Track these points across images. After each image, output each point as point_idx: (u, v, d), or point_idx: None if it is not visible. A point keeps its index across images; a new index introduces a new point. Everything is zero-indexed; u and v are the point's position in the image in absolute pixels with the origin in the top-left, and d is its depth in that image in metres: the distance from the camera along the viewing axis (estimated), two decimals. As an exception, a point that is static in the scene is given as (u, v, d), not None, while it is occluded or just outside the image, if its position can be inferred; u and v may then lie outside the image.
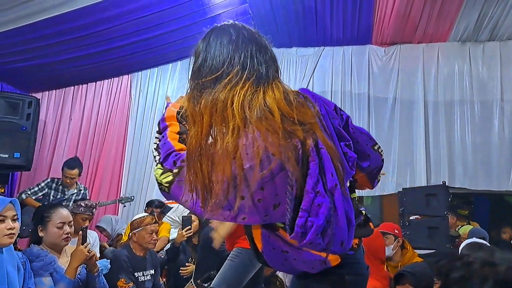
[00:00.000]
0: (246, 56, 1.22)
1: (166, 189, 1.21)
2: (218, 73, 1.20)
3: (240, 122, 1.11)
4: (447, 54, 5.59)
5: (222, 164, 1.09)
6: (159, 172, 1.23)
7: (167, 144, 1.28)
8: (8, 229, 2.00)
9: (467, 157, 5.29)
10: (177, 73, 6.15)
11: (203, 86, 1.20)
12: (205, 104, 1.16)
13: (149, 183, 5.86)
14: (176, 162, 1.21)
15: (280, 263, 1.31)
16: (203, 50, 1.27)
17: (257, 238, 1.30)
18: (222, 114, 1.13)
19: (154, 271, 3.40)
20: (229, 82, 1.17)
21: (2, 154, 4.98)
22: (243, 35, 1.27)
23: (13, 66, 5.24)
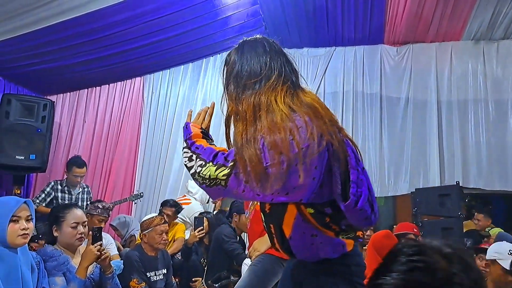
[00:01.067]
0: (280, 64, 1.45)
1: (223, 182, 1.30)
2: (259, 77, 1.41)
3: (287, 111, 1.31)
4: (461, 53, 5.53)
5: (279, 147, 1.24)
6: (212, 170, 1.32)
7: (208, 149, 1.40)
8: (22, 230, 2.02)
9: (481, 157, 5.23)
10: (188, 74, 6.18)
11: (244, 89, 1.41)
12: (248, 103, 1.37)
13: (162, 184, 5.90)
14: (227, 157, 1.33)
15: (305, 248, 1.40)
16: (238, 58, 1.48)
17: (288, 224, 1.38)
18: (267, 108, 1.33)
19: (166, 270, 3.42)
20: (271, 85, 1.38)
21: (18, 156, 5.06)
22: (274, 47, 1.50)
23: (28, 69, 5.31)
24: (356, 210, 1.29)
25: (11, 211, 2.01)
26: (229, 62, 1.52)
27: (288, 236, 1.40)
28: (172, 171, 5.91)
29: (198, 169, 1.36)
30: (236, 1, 4.88)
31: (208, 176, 1.32)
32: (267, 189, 1.25)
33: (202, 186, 1.36)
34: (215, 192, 1.34)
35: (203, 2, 4.69)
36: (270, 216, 1.46)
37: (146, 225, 3.36)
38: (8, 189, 5.37)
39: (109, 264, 2.48)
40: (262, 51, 1.46)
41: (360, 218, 1.34)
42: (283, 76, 1.42)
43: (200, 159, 1.37)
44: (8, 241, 1.98)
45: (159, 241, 3.32)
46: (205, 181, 1.33)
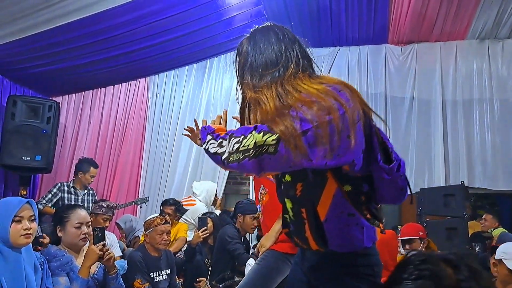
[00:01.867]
0: (296, 53, 1.40)
1: (272, 148, 1.18)
2: (276, 67, 1.36)
3: (318, 85, 1.27)
4: (465, 52, 5.51)
5: (323, 108, 1.18)
6: (258, 136, 1.20)
7: (240, 128, 1.29)
8: (24, 230, 2.03)
9: (486, 157, 5.20)
10: (193, 75, 6.20)
11: (261, 78, 1.36)
12: (269, 91, 1.31)
13: (166, 185, 5.93)
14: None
15: (340, 232, 1.34)
16: (251, 48, 1.44)
17: (325, 204, 1.33)
18: (294, 91, 1.27)
19: (170, 270, 3.43)
20: (291, 73, 1.33)
21: (24, 157, 5.09)
22: (287, 34, 1.45)
23: (33, 71, 5.35)
24: (398, 176, 1.32)
25: (13, 211, 2.03)
26: (241, 52, 1.49)
27: (324, 219, 1.34)
28: (177, 172, 5.93)
29: (236, 146, 1.23)
30: (239, 2, 4.89)
31: (253, 144, 1.19)
32: (317, 153, 1.17)
33: (243, 162, 1.21)
34: (258, 164, 1.20)
35: (206, 3, 4.70)
36: (301, 200, 1.38)
37: (148, 225, 3.37)
38: (14, 190, 5.40)
39: (113, 264, 2.49)
40: (275, 40, 1.43)
41: (398, 188, 1.35)
42: (301, 65, 1.38)
43: (235, 137, 1.26)
44: (11, 241, 1.99)
45: (160, 241, 3.31)
46: (248, 152, 1.20)
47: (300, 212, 1.39)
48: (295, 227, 1.44)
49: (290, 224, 1.47)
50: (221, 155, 1.28)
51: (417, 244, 3.56)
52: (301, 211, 1.39)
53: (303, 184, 1.36)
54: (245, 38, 1.50)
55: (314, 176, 1.33)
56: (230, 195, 6.26)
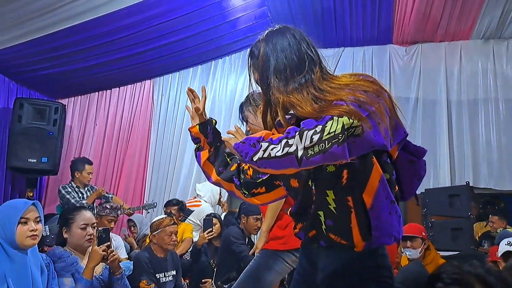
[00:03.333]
0: (314, 53, 1.44)
1: (359, 130, 1.20)
2: (303, 71, 1.38)
3: (358, 78, 1.35)
4: (470, 52, 5.49)
5: (369, 94, 1.28)
6: (345, 119, 1.20)
7: (306, 121, 1.29)
8: (30, 231, 2.05)
9: (492, 157, 5.18)
10: (198, 77, 6.22)
11: (287, 82, 1.38)
12: (302, 96, 1.34)
13: (172, 186, 5.94)
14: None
15: (383, 221, 1.35)
16: (271, 50, 1.44)
17: (371, 190, 1.33)
18: (331, 90, 1.34)
19: (175, 271, 3.45)
20: (319, 76, 1.38)
21: (30, 159, 5.14)
22: (303, 36, 1.47)
23: (39, 73, 5.39)
24: (423, 161, 1.47)
25: (19, 213, 2.05)
26: (259, 55, 1.48)
27: (369, 206, 1.32)
28: (182, 173, 5.95)
29: (315, 137, 1.19)
30: (244, 3, 4.91)
31: (340, 128, 1.18)
32: (382, 133, 1.24)
33: (331, 150, 1.18)
34: (348, 148, 1.19)
35: (211, 4, 4.72)
36: (348, 188, 1.35)
37: (156, 226, 3.39)
38: (21, 192, 5.44)
39: (117, 265, 2.50)
40: (294, 43, 1.43)
41: (420, 177, 1.47)
42: (319, 62, 1.43)
43: (308, 130, 1.22)
44: (17, 242, 2.02)
45: (169, 241, 3.34)
46: (337, 138, 1.18)
47: (346, 201, 1.36)
48: (335, 221, 1.39)
49: (327, 220, 1.40)
50: (295, 153, 1.23)
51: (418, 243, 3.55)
52: (347, 199, 1.35)
53: (349, 171, 1.34)
54: (261, 41, 1.49)
55: (360, 162, 1.32)
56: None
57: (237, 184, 1.65)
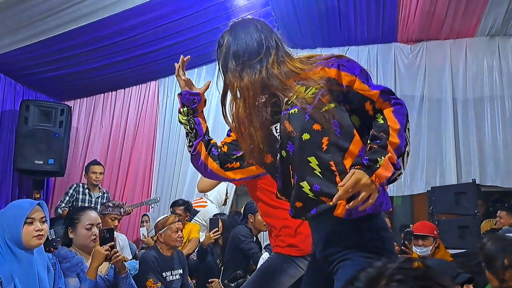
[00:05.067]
0: (275, 39, 1.56)
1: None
2: (259, 57, 1.50)
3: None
4: (475, 50, 5.46)
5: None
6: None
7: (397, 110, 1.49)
8: (36, 231, 2.06)
9: (498, 154, 5.14)
10: (202, 77, 6.22)
11: (243, 67, 1.51)
12: (252, 80, 1.49)
13: (178, 187, 5.95)
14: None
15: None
16: (233, 39, 1.56)
17: (352, 158, 1.43)
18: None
19: (182, 270, 3.45)
20: (275, 59, 1.50)
21: (37, 160, 5.16)
22: (265, 25, 1.61)
23: (45, 75, 5.42)
24: None
25: (25, 213, 2.06)
26: (222, 44, 1.60)
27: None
28: (188, 173, 5.95)
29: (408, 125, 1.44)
30: (248, 3, 4.91)
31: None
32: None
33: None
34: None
35: (215, 5, 4.73)
36: (329, 154, 1.45)
37: (161, 225, 3.40)
38: (28, 193, 5.47)
39: (122, 264, 2.51)
40: (255, 30, 1.56)
41: None
42: (282, 50, 1.55)
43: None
44: (23, 242, 2.03)
45: (176, 238, 3.35)
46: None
47: (329, 165, 1.42)
48: (322, 185, 1.44)
49: (313, 186, 1.45)
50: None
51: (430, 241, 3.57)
52: (330, 164, 1.42)
53: (329, 138, 1.42)
54: (226, 31, 1.62)
55: (341, 131, 1.43)
56: (241, 195, 6.27)
57: (215, 154, 1.72)
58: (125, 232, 5.40)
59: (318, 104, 1.43)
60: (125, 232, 5.34)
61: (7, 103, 5.34)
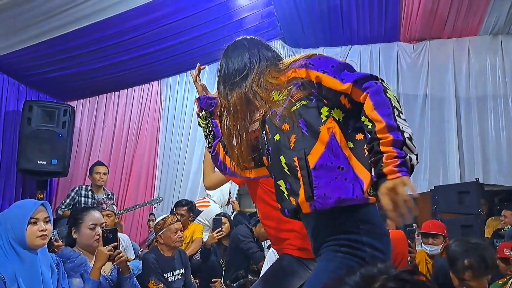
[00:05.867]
0: (258, 52, 1.65)
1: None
2: (243, 74, 1.61)
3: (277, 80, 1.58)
4: (478, 48, 5.45)
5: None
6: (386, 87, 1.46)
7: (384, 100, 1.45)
8: (40, 231, 2.06)
9: (502, 153, 5.14)
10: (205, 77, 6.20)
11: (232, 86, 1.62)
12: (238, 97, 1.59)
13: (181, 186, 5.96)
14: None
15: (327, 181, 1.44)
16: (224, 62, 1.69)
17: (316, 153, 1.45)
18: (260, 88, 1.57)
19: (184, 270, 3.45)
20: (256, 75, 1.59)
21: (40, 161, 5.17)
22: (252, 41, 1.72)
23: (48, 76, 5.43)
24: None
25: (29, 213, 2.06)
26: (219, 67, 1.71)
27: (313, 166, 1.44)
28: (191, 173, 5.97)
29: (402, 116, 1.39)
30: (250, 3, 4.91)
31: (393, 94, 1.44)
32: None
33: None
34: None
35: (217, 4, 4.73)
36: (294, 150, 1.50)
37: (160, 226, 3.40)
38: (31, 194, 5.48)
39: (126, 265, 2.51)
40: (242, 50, 1.67)
41: None
42: (265, 61, 1.63)
43: (397, 113, 1.38)
44: (27, 242, 2.03)
45: (175, 239, 3.33)
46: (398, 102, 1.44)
47: (293, 161, 1.47)
48: (291, 183, 1.49)
49: (286, 185, 1.51)
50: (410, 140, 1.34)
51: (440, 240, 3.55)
52: (294, 160, 1.47)
53: (296, 136, 1.48)
54: (222, 55, 1.74)
55: (308, 130, 1.47)
56: (245, 195, 6.27)
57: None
58: (129, 232, 5.41)
59: (287, 105, 1.50)
60: (128, 232, 5.35)
61: (10, 104, 5.35)
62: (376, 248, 1.39)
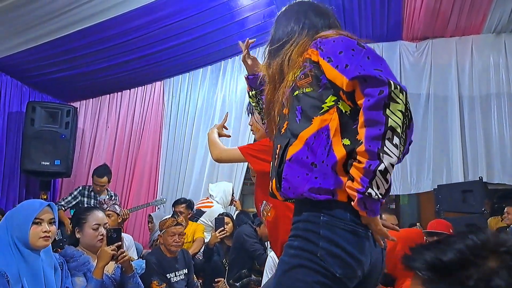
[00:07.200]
0: (304, 18, 1.53)
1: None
2: (283, 41, 1.51)
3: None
4: (481, 47, 5.42)
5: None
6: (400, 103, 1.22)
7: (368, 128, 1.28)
8: (44, 232, 2.06)
9: (505, 152, 5.10)
10: (207, 77, 6.23)
11: (274, 54, 1.53)
12: (276, 65, 1.50)
13: (184, 187, 5.96)
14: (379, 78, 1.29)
15: (296, 175, 1.36)
16: (273, 28, 1.60)
17: (296, 146, 1.38)
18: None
19: (187, 270, 3.44)
20: (290, 45, 1.48)
21: (44, 161, 5.19)
22: (304, 5, 1.60)
23: (51, 77, 5.45)
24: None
25: (34, 213, 2.06)
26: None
27: (289, 157, 1.38)
28: (194, 173, 5.97)
29: (396, 137, 1.20)
30: (252, 3, 4.91)
31: (401, 115, 1.21)
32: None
33: (409, 138, 1.24)
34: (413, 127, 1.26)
35: (219, 4, 4.73)
36: (281, 137, 1.46)
37: (161, 226, 3.40)
38: (35, 194, 5.50)
39: (129, 264, 2.51)
40: (290, 15, 1.57)
41: None
42: (308, 29, 1.50)
43: (382, 140, 1.20)
44: (30, 243, 2.03)
45: (171, 242, 3.31)
46: (407, 122, 1.22)
47: (276, 148, 1.44)
48: (272, 168, 1.48)
49: (272, 166, 1.48)
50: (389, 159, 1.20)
51: None
52: (277, 146, 1.44)
53: (288, 123, 1.42)
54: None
55: (301, 118, 1.38)
56: (248, 195, 6.27)
57: None
58: (132, 232, 5.42)
59: (293, 88, 1.41)
60: (131, 232, 5.36)
61: (14, 105, 5.38)
62: (336, 244, 1.27)
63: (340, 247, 1.26)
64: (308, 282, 1.27)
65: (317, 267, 1.26)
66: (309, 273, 1.27)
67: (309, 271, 1.27)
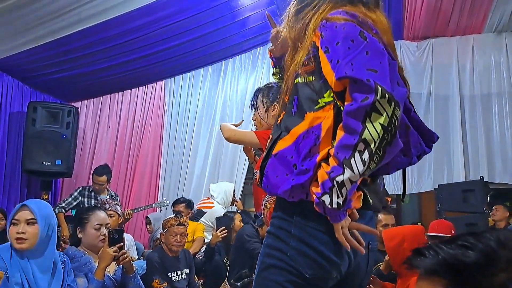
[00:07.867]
0: None
1: (397, 112, 1.10)
2: (304, 3, 1.34)
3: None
4: (483, 46, 5.42)
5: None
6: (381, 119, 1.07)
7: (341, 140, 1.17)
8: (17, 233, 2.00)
9: (506, 151, 5.10)
10: (208, 77, 6.23)
11: (297, 17, 1.34)
12: (297, 31, 1.32)
13: (185, 187, 5.96)
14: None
15: (276, 173, 1.29)
16: None
17: (285, 142, 1.28)
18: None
19: (188, 270, 3.44)
20: (313, 6, 1.30)
21: (45, 162, 5.20)
22: None
23: (52, 77, 5.45)
24: (415, 134, 1.44)
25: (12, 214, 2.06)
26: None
27: (275, 153, 1.29)
28: (195, 173, 5.97)
29: (365, 153, 1.08)
30: (252, 2, 4.90)
31: (385, 125, 1.07)
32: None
33: (387, 153, 1.10)
34: (397, 142, 1.11)
35: (220, 4, 4.73)
36: (277, 127, 1.36)
37: (163, 226, 3.41)
38: (36, 195, 5.51)
39: (130, 264, 2.51)
40: None
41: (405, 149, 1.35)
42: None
43: (351, 152, 1.09)
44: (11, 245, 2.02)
45: (172, 242, 3.31)
46: (384, 140, 1.08)
47: (268, 138, 1.37)
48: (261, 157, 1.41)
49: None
50: (361, 167, 1.09)
51: None
52: (269, 136, 1.36)
53: (285, 113, 1.32)
54: None
55: (296, 112, 1.27)
56: (249, 195, 6.27)
57: None
58: (133, 233, 5.42)
59: (296, 74, 1.28)
60: (132, 232, 5.37)
61: (15, 105, 5.38)
62: (307, 244, 1.21)
63: (312, 247, 1.21)
64: (280, 282, 1.23)
65: (288, 267, 1.23)
66: (281, 273, 1.24)
67: (281, 271, 1.24)
